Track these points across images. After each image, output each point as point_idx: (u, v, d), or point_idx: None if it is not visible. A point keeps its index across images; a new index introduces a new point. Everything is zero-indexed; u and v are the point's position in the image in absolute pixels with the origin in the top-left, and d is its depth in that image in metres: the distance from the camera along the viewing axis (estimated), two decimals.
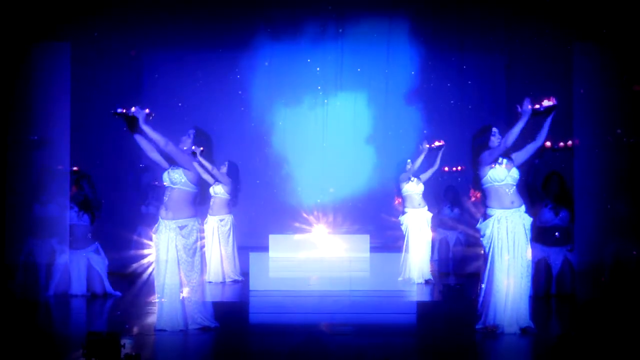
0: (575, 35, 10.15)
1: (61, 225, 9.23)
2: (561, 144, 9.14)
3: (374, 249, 10.53)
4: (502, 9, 11.34)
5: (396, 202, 11.15)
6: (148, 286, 9.20)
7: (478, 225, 7.11)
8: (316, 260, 10.15)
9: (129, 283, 9.94)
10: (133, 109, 6.85)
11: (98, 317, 8.36)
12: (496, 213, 6.96)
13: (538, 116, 6.86)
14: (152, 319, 7.34)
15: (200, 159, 7.68)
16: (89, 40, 10.80)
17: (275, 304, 8.95)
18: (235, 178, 10.68)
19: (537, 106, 6.81)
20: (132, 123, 6.91)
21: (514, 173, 7.01)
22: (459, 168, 11.72)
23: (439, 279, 11.01)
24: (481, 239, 7.05)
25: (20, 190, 9.05)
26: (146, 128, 6.87)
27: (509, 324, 6.86)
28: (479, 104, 12.32)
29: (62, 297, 9.07)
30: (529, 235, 6.98)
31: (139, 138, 7.04)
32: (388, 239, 11.62)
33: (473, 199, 10.49)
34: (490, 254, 6.95)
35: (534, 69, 11.56)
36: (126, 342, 5.49)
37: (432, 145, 10.48)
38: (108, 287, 9.33)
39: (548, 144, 8.71)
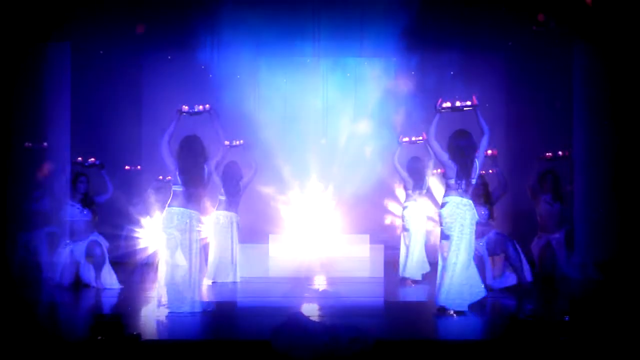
0: (576, 36, 10.19)
1: (57, 218, 9.57)
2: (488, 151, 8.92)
3: (374, 249, 10.55)
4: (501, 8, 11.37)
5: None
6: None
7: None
8: (315, 261, 10.16)
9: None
10: (207, 106, 7.72)
11: (99, 304, 8.51)
12: None
13: (457, 112, 7.61)
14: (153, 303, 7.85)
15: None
16: (89, 40, 10.81)
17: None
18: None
19: (458, 104, 7.57)
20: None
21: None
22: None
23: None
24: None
25: (18, 189, 9.36)
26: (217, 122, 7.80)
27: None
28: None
29: (59, 287, 9.24)
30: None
31: (165, 146, 7.49)
32: (390, 238, 11.65)
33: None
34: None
35: (534, 67, 11.60)
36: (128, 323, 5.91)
37: (412, 139, 10.17)
38: (104, 278, 9.35)
39: (491, 152, 8.76)
